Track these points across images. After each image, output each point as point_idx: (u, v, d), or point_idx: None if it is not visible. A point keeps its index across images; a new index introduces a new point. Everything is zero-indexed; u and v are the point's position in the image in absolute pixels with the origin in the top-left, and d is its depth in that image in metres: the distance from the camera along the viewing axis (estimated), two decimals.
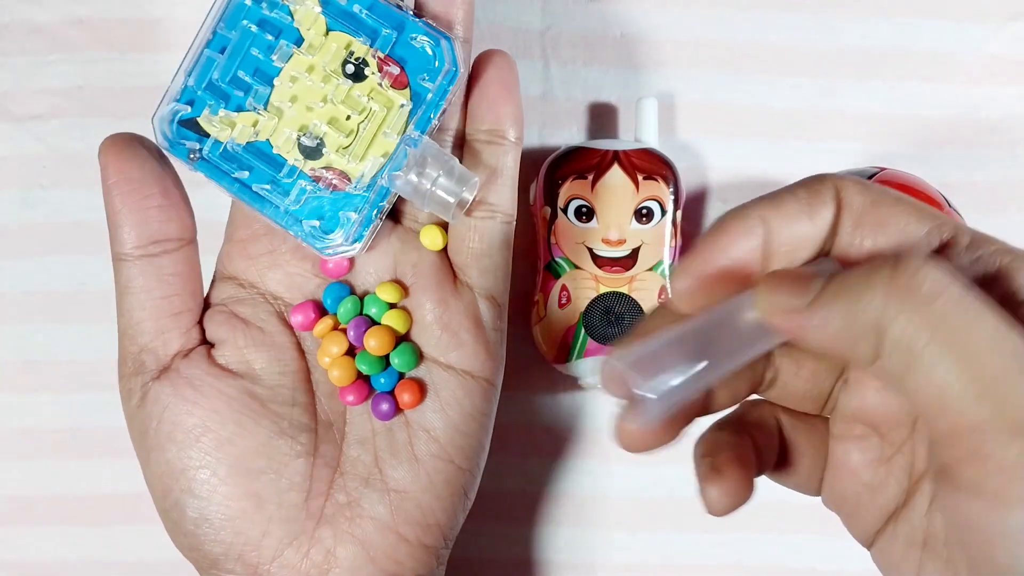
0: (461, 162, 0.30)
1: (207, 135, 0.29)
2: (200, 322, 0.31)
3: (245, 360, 0.30)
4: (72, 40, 0.41)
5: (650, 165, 0.38)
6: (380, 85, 0.29)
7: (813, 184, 0.21)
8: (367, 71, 0.29)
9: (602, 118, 0.42)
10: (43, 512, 0.41)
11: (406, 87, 0.29)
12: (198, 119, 0.29)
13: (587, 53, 0.42)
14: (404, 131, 0.29)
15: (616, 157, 0.38)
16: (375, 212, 0.29)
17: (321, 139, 0.29)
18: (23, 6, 0.41)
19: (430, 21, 0.29)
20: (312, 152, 0.29)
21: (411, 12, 0.29)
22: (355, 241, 0.29)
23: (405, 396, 0.30)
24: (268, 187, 0.29)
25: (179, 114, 0.29)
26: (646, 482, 0.42)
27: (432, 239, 0.31)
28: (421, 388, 0.31)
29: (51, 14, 0.41)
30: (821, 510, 0.25)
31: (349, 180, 0.29)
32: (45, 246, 0.41)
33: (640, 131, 0.39)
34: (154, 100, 0.42)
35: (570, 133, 0.42)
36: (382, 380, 0.31)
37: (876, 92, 0.42)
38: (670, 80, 0.42)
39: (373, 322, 0.31)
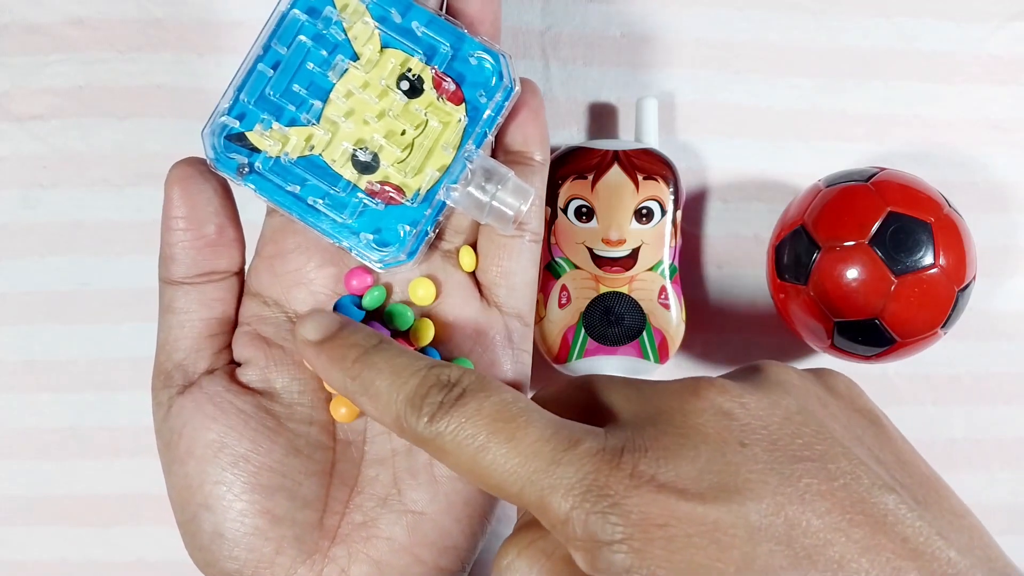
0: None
1: (256, 150, 0.29)
2: (229, 344, 0.31)
3: (266, 379, 0.30)
4: (72, 40, 0.41)
5: (650, 165, 0.38)
6: (438, 100, 0.29)
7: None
8: (423, 87, 0.29)
9: (602, 118, 0.42)
10: (43, 512, 0.41)
11: (462, 102, 0.29)
12: (248, 134, 0.29)
13: (587, 53, 0.42)
14: (460, 146, 0.29)
15: (616, 157, 0.38)
16: (430, 226, 0.30)
17: (376, 153, 0.29)
18: (23, 6, 0.41)
19: (485, 40, 0.29)
20: (367, 167, 0.29)
21: (464, 27, 0.29)
22: (411, 254, 0.29)
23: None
24: (322, 201, 0.29)
25: (228, 128, 0.29)
26: None
27: (470, 259, 0.31)
28: None
29: (51, 14, 0.41)
30: None
31: (404, 194, 0.29)
32: (45, 246, 0.41)
33: (640, 131, 0.39)
34: (154, 100, 0.42)
35: (570, 133, 0.42)
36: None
37: (876, 92, 0.42)
38: (670, 80, 0.42)
39: (395, 332, 0.31)
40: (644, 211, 0.38)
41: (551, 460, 0.22)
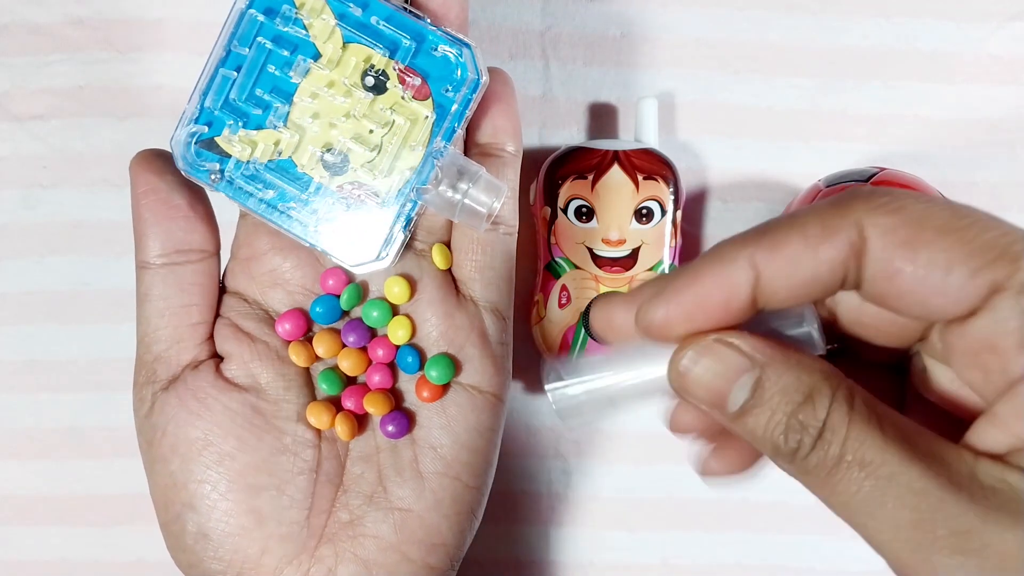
0: None
1: (227, 155, 0.29)
2: (211, 336, 0.31)
3: (251, 374, 0.30)
4: (72, 40, 0.41)
5: (650, 165, 0.38)
6: (403, 97, 0.28)
7: (829, 217, 0.18)
8: (388, 83, 0.28)
9: (602, 118, 0.42)
10: (43, 512, 0.41)
11: (428, 97, 0.28)
12: (217, 139, 0.29)
13: (587, 53, 0.42)
14: (429, 143, 0.29)
15: (616, 157, 0.38)
16: (405, 227, 0.29)
17: (345, 154, 0.29)
18: (23, 6, 0.41)
19: (449, 29, 0.28)
20: (337, 168, 0.29)
21: (429, 20, 0.28)
22: (386, 254, 0.29)
23: (424, 392, 0.30)
24: (294, 205, 0.29)
25: (197, 135, 0.29)
26: (645, 482, 0.42)
27: (443, 257, 0.31)
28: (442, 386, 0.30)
29: (51, 14, 0.41)
30: (821, 510, 0.25)
31: (376, 195, 0.29)
32: (45, 246, 0.41)
33: (640, 131, 0.39)
34: (154, 99, 0.42)
35: (570, 133, 0.42)
36: (408, 359, 0.30)
37: (876, 92, 0.42)
38: (670, 80, 0.42)
39: (373, 330, 0.31)
40: (644, 211, 0.38)
41: None
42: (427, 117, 0.28)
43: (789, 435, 0.18)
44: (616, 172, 0.38)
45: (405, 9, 0.28)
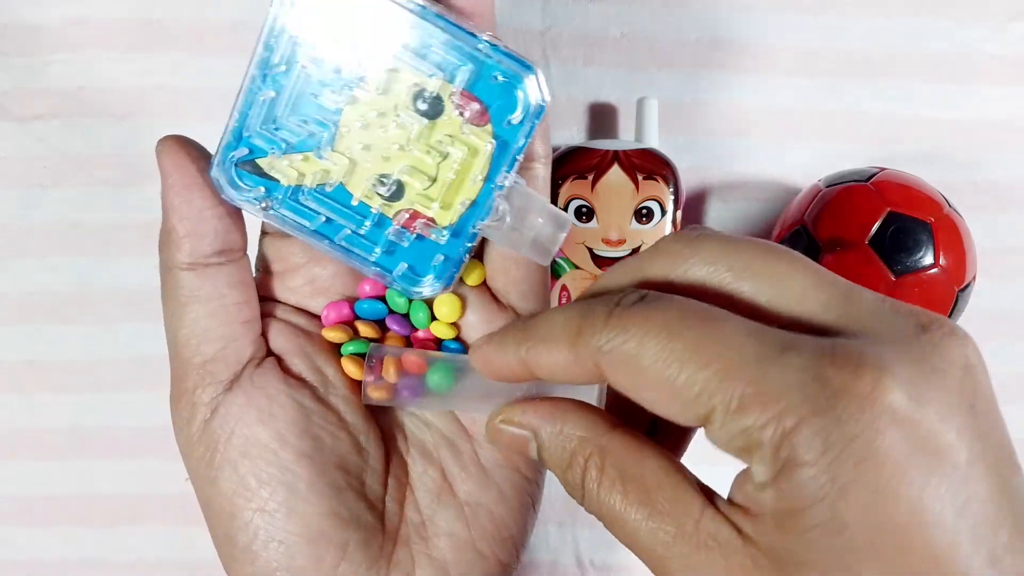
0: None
1: (272, 179, 0.27)
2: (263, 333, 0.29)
3: (316, 367, 0.28)
4: (72, 40, 0.41)
5: (650, 165, 0.38)
6: (462, 127, 0.26)
7: (575, 345, 0.22)
8: (443, 107, 0.26)
9: (602, 118, 0.42)
10: (43, 512, 0.41)
11: (488, 123, 0.26)
12: (259, 161, 0.26)
13: (587, 53, 0.42)
14: (489, 174, 0.27)
15: (616, 157, 0.38)
16: (464, 255, 0.28)
17: (400, 183, 0.27)
18: (23, 6, 0.41)
19: (511, 50, 0.26)
20: (392, 197, 0.27)
21: (489, 37, 0.26)
22: (447, 284, 0.28)
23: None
24: (348, 233, 0.27)
25: (238, 158, 0.26)
26: None
27: (477, 275, 0.30)
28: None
29: (51, 14, 0.41)
30: None
31: (435, 223, 0.27)
32: (45, 246, 0.41)
33: (640, 131, 0.39)
34: (154, 99, 0.42)
35: (570, 133, 0.42)
36: (452, 348, 0.30)
37: (877, 92, 0.42)
38: (670, 80, 0.42)
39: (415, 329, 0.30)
40: (644, 211, 0.38)
41: (759, 358, 0.19)
42: (488, 147, 0.26)
43: (566, 486, 0.23)
44: (616, 172, 0.38)
45: (460, 28, 0.26)
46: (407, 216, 0.27)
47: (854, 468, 0.18)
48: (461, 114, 0.26)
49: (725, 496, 0.21)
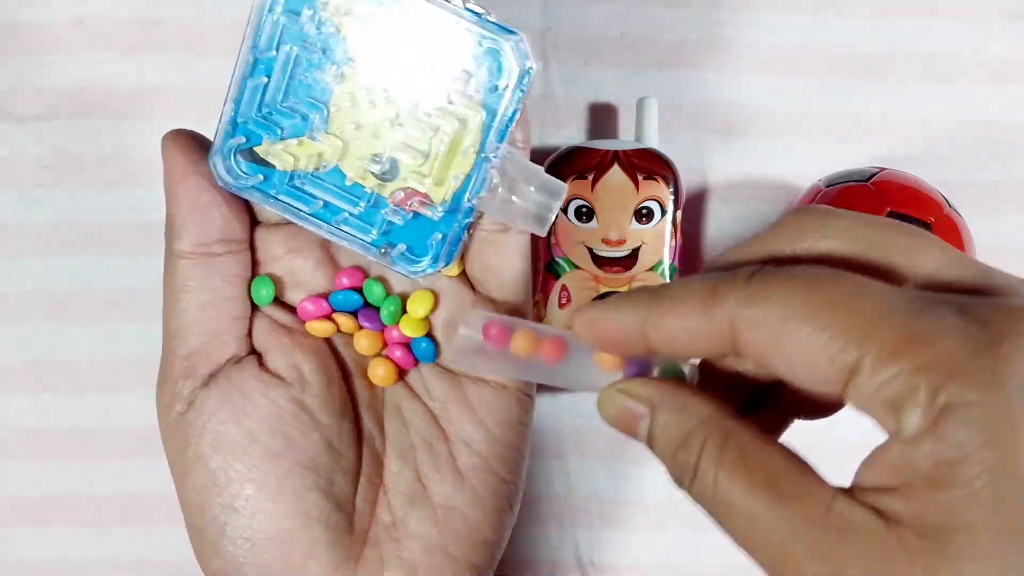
0: None
1: (270, 166, 0.27)
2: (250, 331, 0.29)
3: (294, 365, 0.28)
4: (72, 40, 0.41)
5: (650, 165, 0.38)
6: (450, 99, 0.26)
7: (707, 306, 0.20)
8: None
9: (602, 118, 0.42)
10: (43, 512, 0.41)
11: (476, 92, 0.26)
12: (256, 149, 0.27)
13: (587, 53, 0.42)
14: (481, 145, 0.26)
15: (616, 157, 0.38)
16: (462, 231, 0.28)
17: (394, 161, 0.27)
18: (23, 6, 0.41)
19: (491, 17, 0.26)
20: (387, 176, 0.27)
21: (474, 7, 0.26)
22: (446, 262, 0.28)
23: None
24: (346, 216, 0.27)
25: (236, 147, 0.27)
26: (646, 482, 0.42)
27: (455, 265, 0.30)
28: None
29: (51, 14, 0.41)
30: None
31: (431, 201, 0.27)
32: (45, 246, 0.41)
33: (640, 131, 0.39)
34: (154, 99, 0.42)
35: (570, 133, 0.42)
36: (423, 345, 0.30)
37: (876, 92, 0.42)
38: (670, 80, 0.42)
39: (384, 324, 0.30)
40: (644, 211, 0.38)
41: (910, 307, 0.18)
42: (478, 117, 0.26)
43: (674, 468, 0.22)
44: (616, 172, 0.38)
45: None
46: (402, 195, 0.27)
47: None
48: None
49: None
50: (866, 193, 0.36)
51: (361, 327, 0.30)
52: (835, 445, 0.23)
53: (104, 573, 0.41)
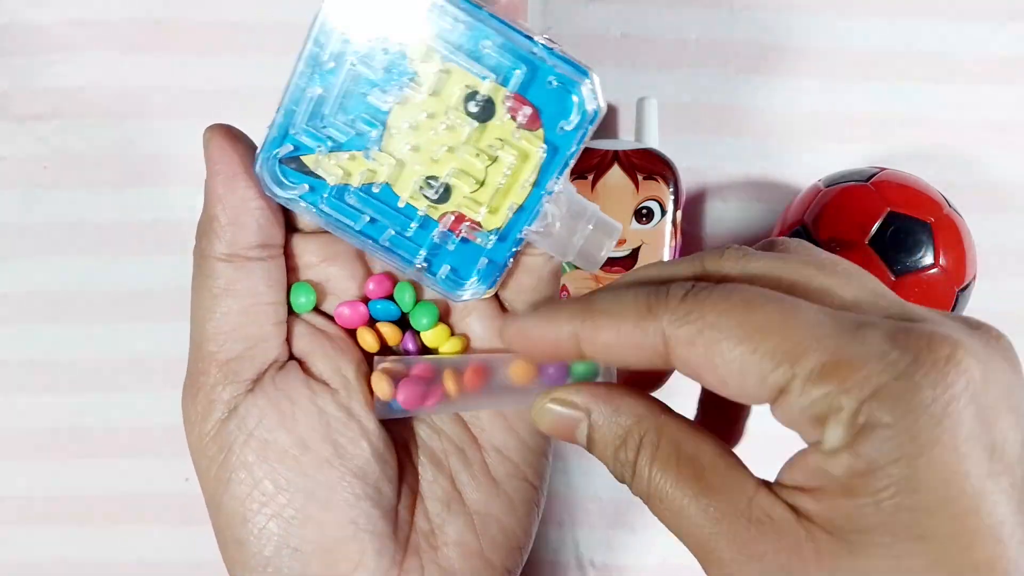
0: None
1: (317, 177, 0.26)
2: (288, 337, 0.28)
3: (338, 369, 0.28)
4: (72, 40, 0.41)
5: (650, 165, 0.38)
6: (514, 132, 0.26)
7: (640, 320, 0.21)
8: (494, 109, 0.25)
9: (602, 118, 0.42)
10: (43, 512, 0.41)
11: (539, 128, 0.26)
12: (304, 158, 0.26)
13: (587, 53, 0.41)
14: (539, 180, 0.26)
15: (616, 157, 0.38)
16: (510, 258, 0.27)
17: (448, 186, 0.26)
18: (23, 6, 0.41)
19: (568, 54, 0.25)
20: (440, 198, 0.26)
21: (545, 40, 0.25)
22: (490, 287, 0.28)
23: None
24: (393, 235, 0.27)
25: (281, 155, 0.26)
26: None
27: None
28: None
29: (51, 14, 0.41)
30: None
31: (481, 227, 0.27)
32: (45, 246, 0.41)
33: (640, 131, 0.39)
34: (154, 99, 0.42)
35: None
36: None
37: (876, 92, 0.42)
38: (670, 80, 0.42)
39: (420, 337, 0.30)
40: (644, 211, 0.38)
41: (838, 332, 0.20)
42: (539, 152, 0.26)
43: (616, 467, 0.23)
44: (616, 172, 0.38)
45: (515, 29, 0.25)
46: (452, 219, 0.27)
47: (934, 428, 0.18)
48: (513, 118, 0.25)
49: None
50: (866, 193, 0.36)
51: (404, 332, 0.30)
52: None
53: (104, 573, 0.41)
